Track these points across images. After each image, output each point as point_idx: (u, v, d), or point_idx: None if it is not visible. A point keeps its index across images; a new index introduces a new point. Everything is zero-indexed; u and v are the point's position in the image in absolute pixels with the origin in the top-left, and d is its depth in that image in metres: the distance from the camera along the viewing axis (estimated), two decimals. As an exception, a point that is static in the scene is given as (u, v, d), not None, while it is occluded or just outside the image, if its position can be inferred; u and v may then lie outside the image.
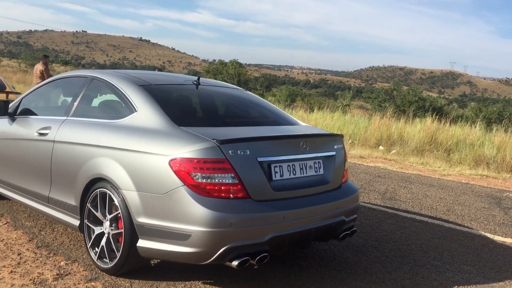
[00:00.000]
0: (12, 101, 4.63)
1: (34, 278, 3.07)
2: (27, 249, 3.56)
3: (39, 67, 12.69)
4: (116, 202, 3.11)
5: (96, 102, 3.92)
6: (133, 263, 3.13)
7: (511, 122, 14.46)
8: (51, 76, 10.55)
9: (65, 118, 3.76)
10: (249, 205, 2.91)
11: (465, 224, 5.25)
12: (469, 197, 6.79)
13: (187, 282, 3.18)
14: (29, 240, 3.74)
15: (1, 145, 4.34)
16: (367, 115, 20.05)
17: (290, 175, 3.19)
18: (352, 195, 3.61)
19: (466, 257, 4.13)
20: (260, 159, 3.01)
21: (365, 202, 5.91)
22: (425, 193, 6.85)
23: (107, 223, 3.22)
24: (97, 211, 3.28)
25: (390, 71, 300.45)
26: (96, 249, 3.28)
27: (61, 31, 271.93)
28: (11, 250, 3.51)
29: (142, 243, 2.99)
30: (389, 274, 3.59)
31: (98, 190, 3.25)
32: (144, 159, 3.03)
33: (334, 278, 3.43)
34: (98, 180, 3.26)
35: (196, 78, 4.01)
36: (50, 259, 3.41)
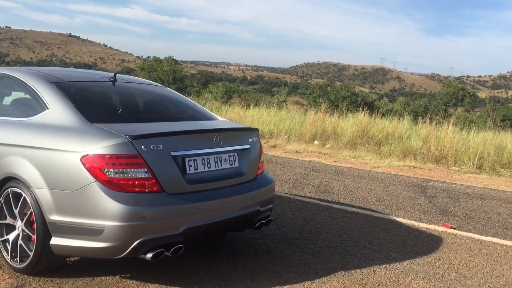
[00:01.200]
0: None
1: (-46, 290, 2.90)
2: None
3: None
4: (28, 200, 3.10)
5: (6, 100, 3.86)
6: (47, 261, 3.12)
7: (436, 115, 15.33)
8: None
9: None
10: (162, 198, 2.98)
11: (393, 213, 5.51)
12: (397, 187, 7.13)
13: (110, 277, 3.12)
14: None
15: None
16: (303, 111, 20.46)
17: (204, 168, 3.29)
18: (267, 186, 3.76)
19: (393, 244, 4.35)
20: (173, 154, 3.08)
21: (299, 196, 6.06)
22: (356, 185, 7.12)
23: (19, 222, 3.21)
24: (9, 210, 3.26)
25: (324, 67, 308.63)
26: (9, 248, 3.24)
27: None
28: None
29: (55, 240, 3.00)
30: (322, 264, 3.71)
31: (9, 189, 3.23)
32: (55, 157, 3.04)
33: (269, 272, 3.50)
34: (9, 179, 3.24)
35: (112, 74, 4.04)
36: (-29, 269, 3.22)
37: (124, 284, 3.15)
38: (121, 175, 2.90)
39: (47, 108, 3.33)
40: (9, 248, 3.23)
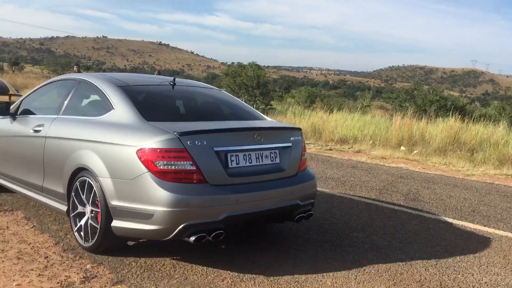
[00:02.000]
0: (14, 102, 5.13)
1: (62, 281, 3.12)
2: (54, 252, 3.62)
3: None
4: (95, 188, 3.55)
5: (82, 101, 4.40)
6: (109, 241, 3.56)
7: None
8: None
9: (55, 116, 4.29)
10: (205, 188, 3.33)
11: (491, 225, 5.15)
12: (495, 197, 6.66)
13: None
14: (56, 244, 3.80)
15: (3, 142, 4.90)
16: (388, 116, 19.83)
17: (246, 163, 3.60)
18: (307, 182, 4.02)
19: (492, 259, 4.05)
20: (216, 149, 3.43)
21: (387, 203, 5.86)
22: (449, 193, 6.75)
23: (88, 207, 3.67)
24: (80, 197, 3.72)
25: (410, 71, 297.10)
26: (81, 231, 3.71)
27: (82, 37, 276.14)
28: (38, 254, 3.57)
29: (115, 223, 3.43)
30: (413, 276, 3.54)
31: (81, 178, 3.71)
32: (116, 150, 3.50)
33: (360, 282, 3.40)
34: (80, 170, 3.72)
35: (172, 78, 4.47)
36: (76, 262, 3.46)
37: (216, 285, 3.22)
38: (169, 167, 3.28)
39: (113, 108, 3.82)
40: (82, 231, 3.70)
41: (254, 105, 18.44)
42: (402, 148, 12.10)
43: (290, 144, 3.93)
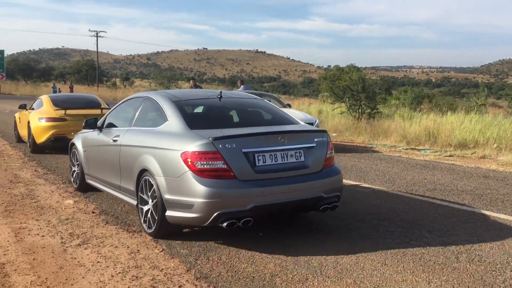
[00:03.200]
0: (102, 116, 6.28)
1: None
2: (187, 280, 3.50)
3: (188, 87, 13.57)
4: (153, 185, 4.37)
5: (146, 115, 5.27)
6: (165, 228, 4.40)
7: None
8: None
9: (128, 128, 5.31)
10: (235, 183, 4.05)
11: None
12: None
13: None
14: (187, 270, 3.69)
15: (93, 151, 6.07)
16: (506, 114, 18.09)
17: (272, 161, 4.28)
18: (332, 177, 4.58)
19: None
20: (244, 150, 4.13)
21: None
22: None
23: (150, 201, 4.52)
24: (144, 193, 4.61)
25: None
26: (146, 221, 4.60)
27: (184, 50, 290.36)
28: (172, 282, 3.47)
29: (168, 213, 4.27)
30: None
31: (144, 177, 4.60)
32: (167, 154, 4.33)
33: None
34: (144, 171, 4.60)
35: (219, 92, 5.21)
36: (209, 289, 3.31)
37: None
38: (206, 166, 4.03)
39: (167, 120, 4.69)
40: (146, 220, 4.60)
41: (360, 110, 17.71)
42: (535, 152, 10.79)
43: (314, 145, 4.54)
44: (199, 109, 5.22)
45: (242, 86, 14.80)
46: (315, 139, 4.59)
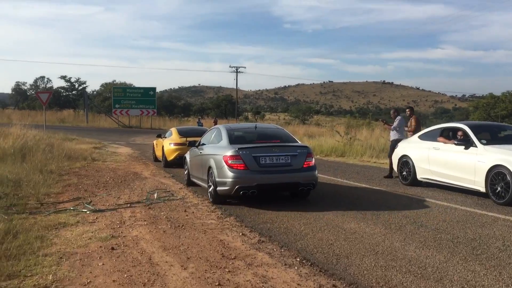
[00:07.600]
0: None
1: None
2: (243, 230, 6.59)
3: (412, 122, 12.25)
4: (212, 174, 8.73)
5: (215, 137, 9.53)
6: (219, 198, 8.47)
7: None
8: (420, 126, 12.31)
9: (208, 144, 9.67)
10: (247, 172, 8.00)
11: None
12: None
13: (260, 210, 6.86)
14: (240, 225, 6.91)
15: (195, 160, 10.33)
16: None
17: (269, 162, 8.08)
18: (307, 172, 8.26)
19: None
20: (253, 155, 8.06)
21: None
22: None
23: (211, 184, 8.63)
24: (209, 180, 8.92)
25: None
26: (210, 195, 8.88)
27: (310, 84, 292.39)
28: (236, 231, 6.54)
29: (218, 189, 8.31)
30: None
31: (210, 171, 8.87)
32: (218, 157, 8.39)
33: None
34: (210, 168, 8.93)
35: (255, 125, 10.08)
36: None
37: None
38: (233, 162, 8.00)
39: (222, 140, 9.16)
40: (210, 194, 8.93)
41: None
42: None
43: (296, 153, 8.28)
44: (239, 133, 9.45)
45: (398, 118, 12.48)
46: (298, 151, 8.38)
